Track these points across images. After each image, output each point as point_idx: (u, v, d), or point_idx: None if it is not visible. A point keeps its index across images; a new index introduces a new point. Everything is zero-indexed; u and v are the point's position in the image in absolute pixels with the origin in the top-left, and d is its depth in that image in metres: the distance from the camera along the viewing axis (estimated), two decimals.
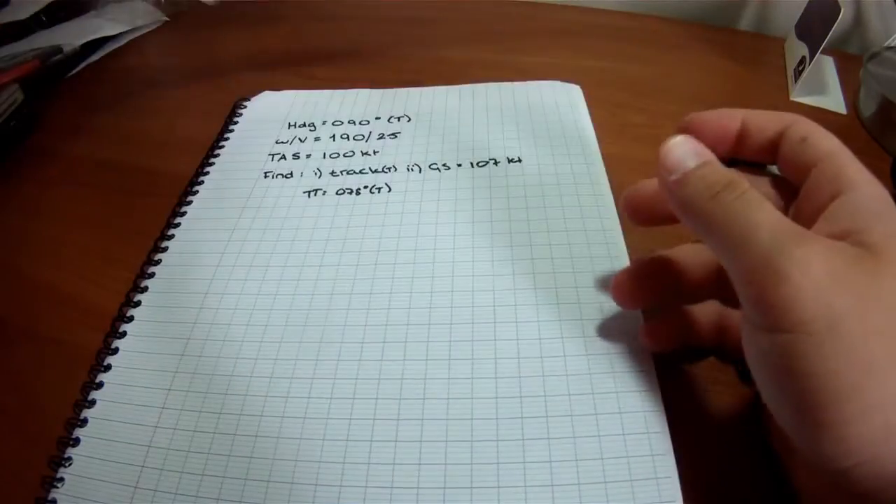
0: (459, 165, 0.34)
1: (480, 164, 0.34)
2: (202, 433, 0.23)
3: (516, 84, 0.40)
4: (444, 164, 0.34)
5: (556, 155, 0.34)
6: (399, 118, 0.39)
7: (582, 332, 0.25)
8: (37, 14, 0.53)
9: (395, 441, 0.22)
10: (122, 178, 0.37)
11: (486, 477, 0.21)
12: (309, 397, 0.24)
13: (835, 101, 0.40)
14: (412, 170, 0.34)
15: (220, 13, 0.59)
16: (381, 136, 0.37)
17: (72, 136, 0.42)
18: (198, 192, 0.34)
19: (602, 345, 0.24)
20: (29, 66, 0.44)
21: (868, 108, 0.38)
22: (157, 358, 0.25)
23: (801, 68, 0.41)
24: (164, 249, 0.31)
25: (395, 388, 0.23)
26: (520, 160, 0.34)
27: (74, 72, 0.50)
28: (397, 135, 0.37)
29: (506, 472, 0.21)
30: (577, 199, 0.31)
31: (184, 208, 0.33)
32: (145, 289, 0.29)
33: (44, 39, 0.50)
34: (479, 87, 0.41)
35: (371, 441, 0.22)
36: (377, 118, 0.39)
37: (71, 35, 0.51)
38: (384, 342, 0.25)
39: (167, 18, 0.58)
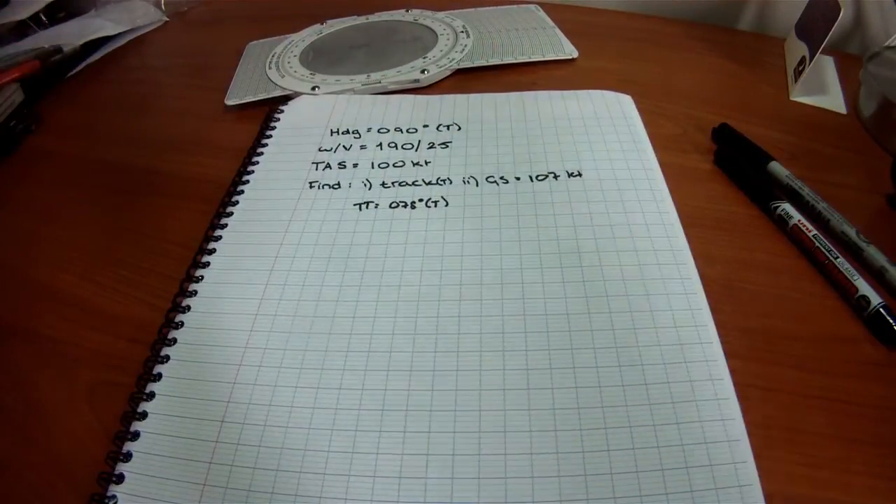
0: (518, 179, 0.33)
1: (540, 178, 0.33)
2: (246, 446, 0.22)
3: (565, 93, 0.39)
4: (501, 178, 0.33)
5: (617, 169, 0.33)
6: (448, 126, 0.37)
7: (661, 358, 0.24)
8: (37, 14, 0.53)
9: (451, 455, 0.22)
10: (122, 178, 0.37)
11: None
12: (360, 409, 0.23)
13: (835, 101, 0.40)
14: (468, 182, 0.33)
15: (221, 13, 0.59)
16: (432, 146, 0.36)
17: (72, 136, 0.42)
18: (238, 202, 0.33)
19: (683, 373, 0.23)
20: (29, 66, 0.44)
21: (868, 108, 0.38)
22: (201, 385, 0.24)
23: (801, 68, 0.41)
24: (206, 265, 0.29)
25: (474, 419, 0.23)
26: (580, 174, 0.33)
27: (74, 72, 0.50)
28: (448, 144, 0.36)
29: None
30: (642, 217, 0.30)
31: (224, 220, 0.32)
32: (187, 308, 0.27)
33: (44, 39, 0.50)
34: (529, 95, 0.39)
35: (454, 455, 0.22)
36: (425, 126, 0.37)
37: (71, 35, 0.51)
38: (457, 371, 0.24)
39: (167, 18, 0.58)
